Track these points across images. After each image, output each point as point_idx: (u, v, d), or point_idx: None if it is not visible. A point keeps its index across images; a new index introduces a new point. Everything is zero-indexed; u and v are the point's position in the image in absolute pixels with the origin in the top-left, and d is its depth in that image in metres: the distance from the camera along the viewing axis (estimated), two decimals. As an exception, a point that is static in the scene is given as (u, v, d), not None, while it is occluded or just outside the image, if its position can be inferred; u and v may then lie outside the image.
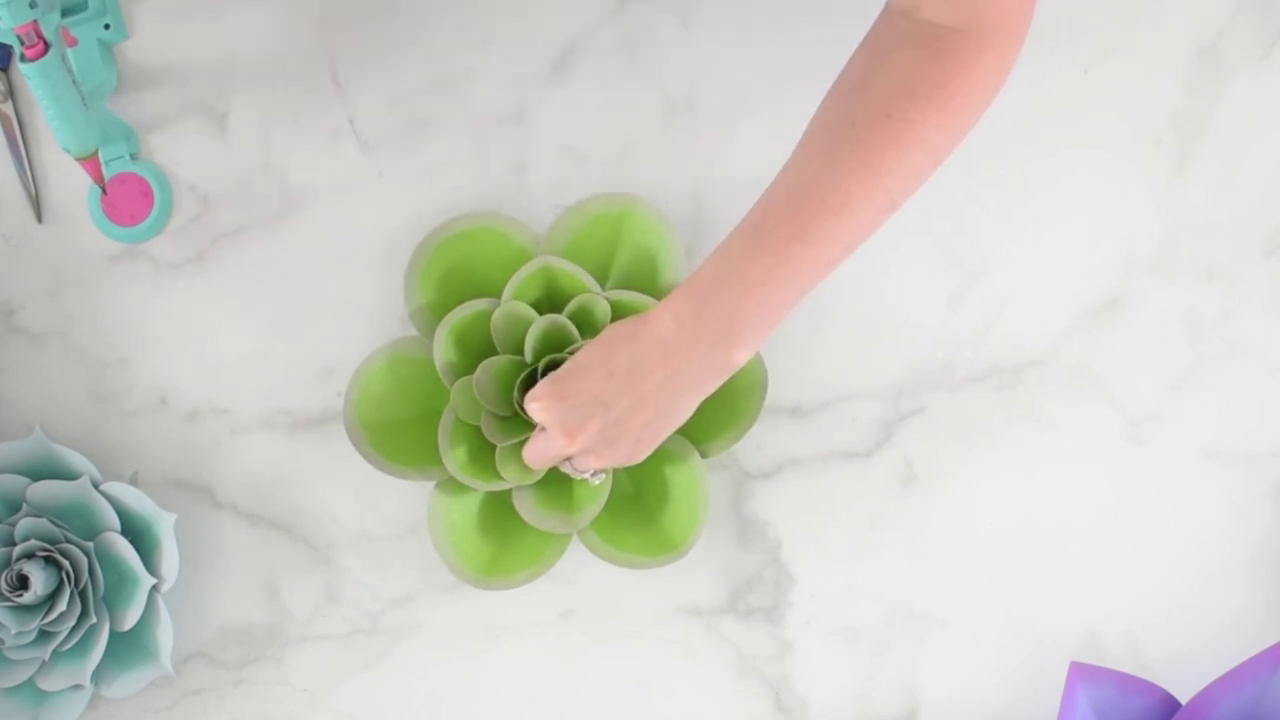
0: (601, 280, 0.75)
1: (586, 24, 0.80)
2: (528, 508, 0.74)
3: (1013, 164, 0.79)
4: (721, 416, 0.75)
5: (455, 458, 0.74)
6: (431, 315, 0.76)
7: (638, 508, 0.76)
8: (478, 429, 0.74)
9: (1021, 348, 0.79)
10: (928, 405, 0.79)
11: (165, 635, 0.76)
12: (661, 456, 0.75)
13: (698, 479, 0.75)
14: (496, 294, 0.75)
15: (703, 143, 0.79)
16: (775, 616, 0.79)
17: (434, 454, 0.75)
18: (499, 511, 0.76)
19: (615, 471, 0.74)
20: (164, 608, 0.76)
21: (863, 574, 0.79)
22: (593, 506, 0.74)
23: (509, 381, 0.74)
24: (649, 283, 0.75)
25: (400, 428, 0.76)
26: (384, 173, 0.80)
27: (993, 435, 0.79)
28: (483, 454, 0.74)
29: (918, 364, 0.79)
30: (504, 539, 0.76)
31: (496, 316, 0.74)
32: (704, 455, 0.75)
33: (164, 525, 0.76)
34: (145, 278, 0.81)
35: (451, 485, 0.76)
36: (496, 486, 0.74)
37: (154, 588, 0.76)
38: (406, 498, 0.80)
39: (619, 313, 0.74)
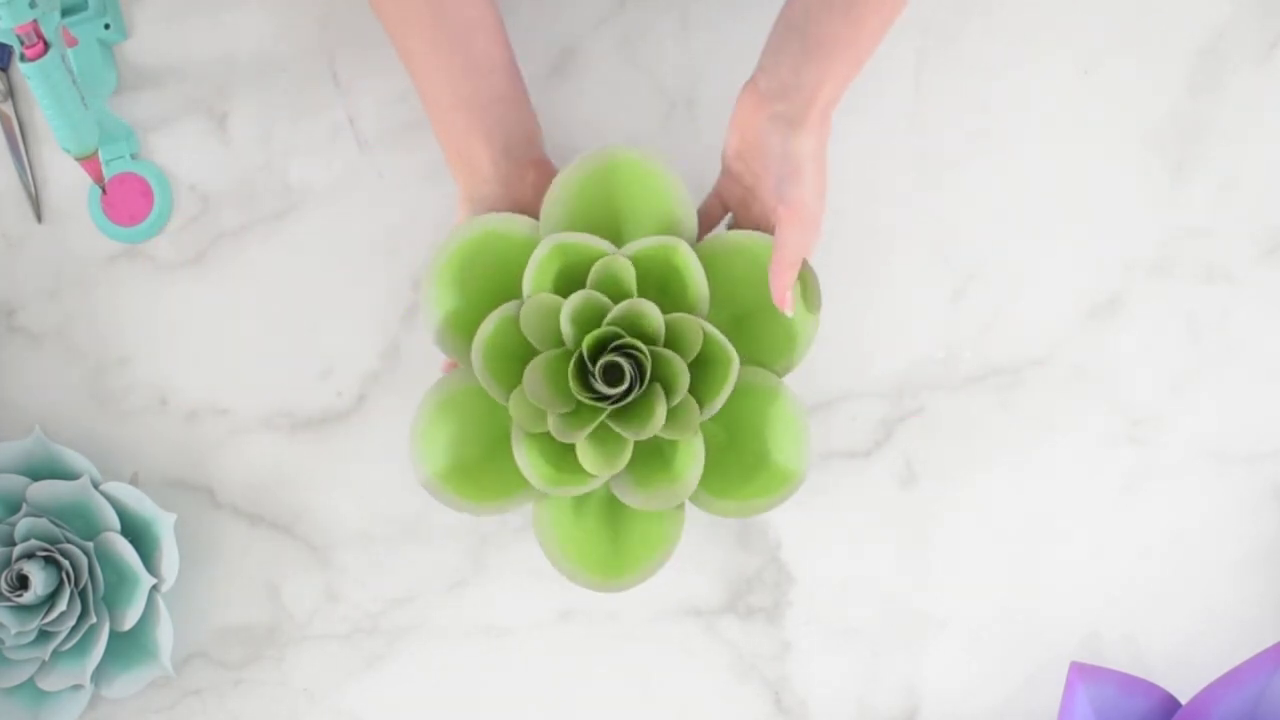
0: (615, 240, 0.71)
1: (586, 24, 0.80)
2: (630, 492, 0.70)
3: (1013, 163, 0.79)
4: (789, 330, 0.71)
5: (538, 472, 0.69)
6: (455, 333, 0.71)
7: (738, 452, 0.72)
8: (548, 435, 0.70)
9: (1022, 348, 0.79)
10: (928, 405, 0.79)
11: (165, 635, 0.76)
12: (744, 391, 0.70)
13: (787, 401, 0.71)
14: (515, 294, 0.71)
15: (703, 143, 0.79)
16: (775, 616, 0.79)
17: (519, 477, 0.70)
18: (605, 507, 0.73)
19: (704, 426, 0.70)
20: (164, 608, 0.76)
21: (863, 574, 0.79)
22: (694, 467, 0.69)
23: (560, 375, 0.70)
24: (663, 224, 0.71)
25: (477, 463, 0.72)
26: (384, 173, 0.80)
27: (993, 435, 0.79)
28: (563, 459, 0.70)
29: (918, 364, 0.79)
30: (618, 533, 0.72)
31: (525, 314, 0.70)
32: (784, 372, 0.72)
33: (164, 525, 0.76)
34: (145, 278, 0.81)
35: (548, 500, 0.72)
36: (589, 486, 0.70)
37: (154, 588, 0.76)
38: (407, 498, 0.80)
39: (643, 267, 0.70)
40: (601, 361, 0.69)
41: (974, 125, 0.79)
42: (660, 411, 0.69)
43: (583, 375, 0.70)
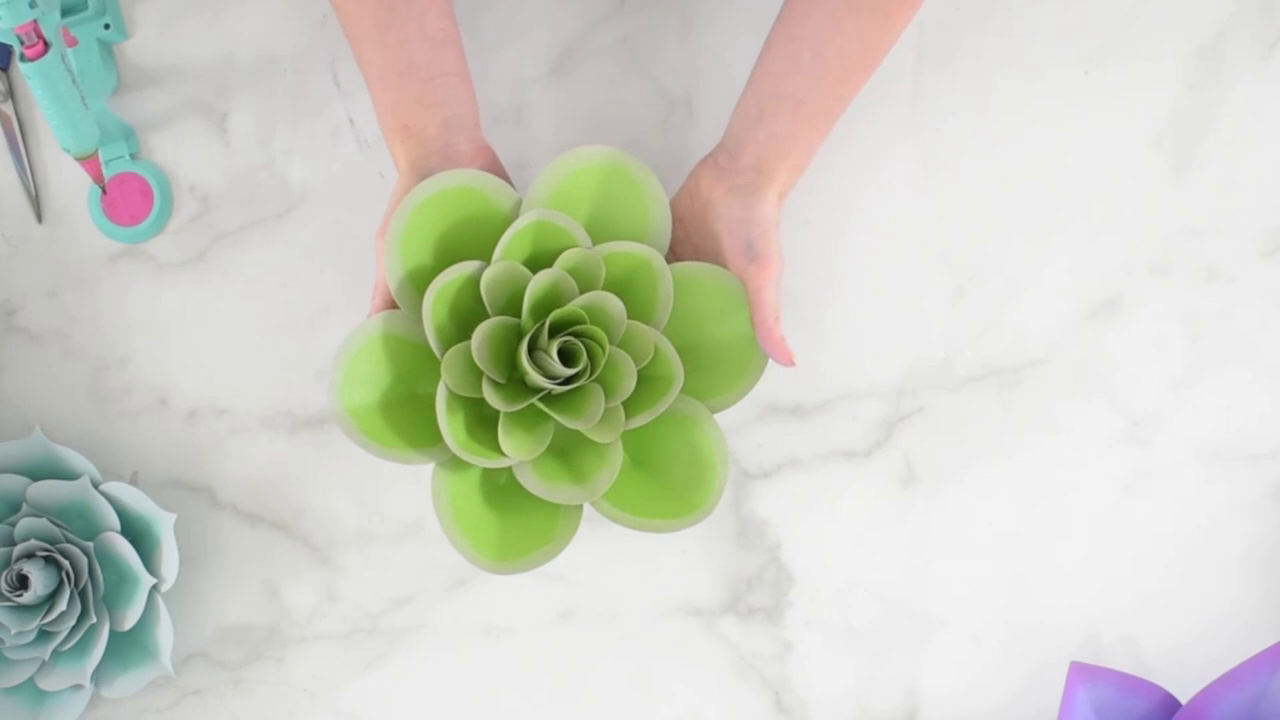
0: (590, 235, 0.72)
1: (586, 24, 0.80)
2: (535, 481, 0.70)
3: (1012, 164, 0.79)
4: (732, 370, 0.73)
5: (456, 436, 0.69)
6: (413, 286, 0.70)
7: (652, 472, 0.73)
8: (473, 402, 0.70)
9: (1021, 348, 0.79)
10: (928, 405, 0.79)
11: (165, 635, 0.76)
12: (670, 418, 0.72)
13: (711, 437, 0.72)
14: (478, 258, 0.71)
15: (703, 143, 0.79)
16: (775, 616, 0.79)
17: (428, 434, 0.70)
18: (502, 488, 0.73)
19: (623, 436, 0.71)
20: (164, 608, 0.76)
21: (863, 574, 0.79)
22: (607, 471, 0.70)
23: (507, 345, 0.71)
24: (636, 235, 0.72)
25: (392, 409, 0.71)
26: (384, 173, 0.80)
27: (993, 435, 0.79)
28: (480, 429, 0.71)
29: (918, 363, 0.79)
30: (513, 517, 0.72)
31: (489, 276, 0.70)
32: (712, 410, 0.73)
33: (164, 525, 0.76)
34: (145, 278, 0.81)
35: (454, 464, 0.71)
36: (502, 462, 0.70)
37: (154, 588, 0.76)
38: (407, 497, 0.80)
39: (613, 267, 0.71)
40: (559, 340, 0.70)
41: (974, 125, 0.79)
42: (598, 407, 0.70)
43: (532, 352, 0.70)
